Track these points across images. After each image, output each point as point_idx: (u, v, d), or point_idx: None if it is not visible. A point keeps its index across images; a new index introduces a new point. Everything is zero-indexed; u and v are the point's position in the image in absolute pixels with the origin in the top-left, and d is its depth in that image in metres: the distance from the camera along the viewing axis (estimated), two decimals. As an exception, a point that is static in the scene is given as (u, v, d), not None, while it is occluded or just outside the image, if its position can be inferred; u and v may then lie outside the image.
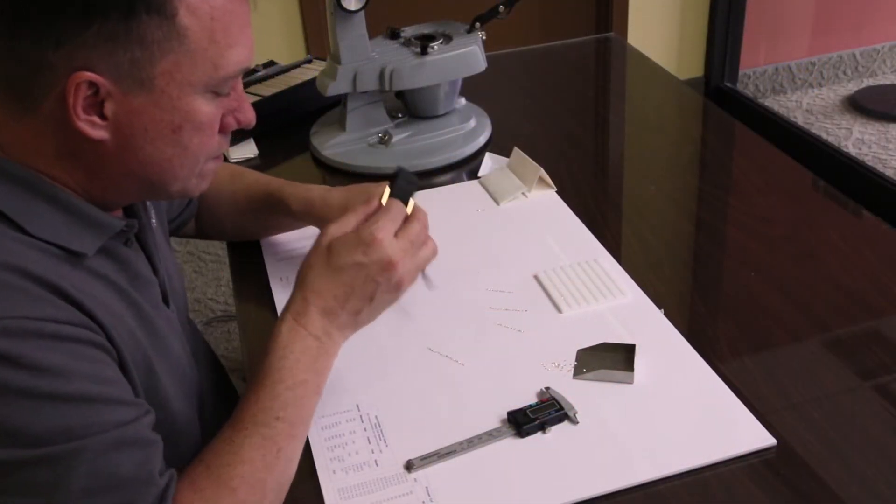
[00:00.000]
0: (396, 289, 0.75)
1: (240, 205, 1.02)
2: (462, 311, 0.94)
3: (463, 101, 1.36)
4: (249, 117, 0.73)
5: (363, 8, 1.18)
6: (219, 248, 2.42)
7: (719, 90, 2.95)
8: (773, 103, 3.03)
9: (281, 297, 0.98)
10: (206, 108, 0.68)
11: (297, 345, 0.73)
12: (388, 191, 0.78)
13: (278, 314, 0.94)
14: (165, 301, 0.79)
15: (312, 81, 1.36)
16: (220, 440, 0.70)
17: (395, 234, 0.75)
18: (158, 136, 0.67)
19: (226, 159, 1.32)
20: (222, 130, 0.72)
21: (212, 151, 0.72)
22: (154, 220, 0.83)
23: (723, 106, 1.50)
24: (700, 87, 2.97)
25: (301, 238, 1.09)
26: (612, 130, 1.42)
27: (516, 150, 1.18)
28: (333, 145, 1.30)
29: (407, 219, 0.76)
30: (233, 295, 1.18)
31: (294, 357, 0.72)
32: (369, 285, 0.74)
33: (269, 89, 1.42)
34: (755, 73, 3.08)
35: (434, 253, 0.78)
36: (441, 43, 1.25)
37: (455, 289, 0.98)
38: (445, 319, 0.93)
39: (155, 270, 0.78)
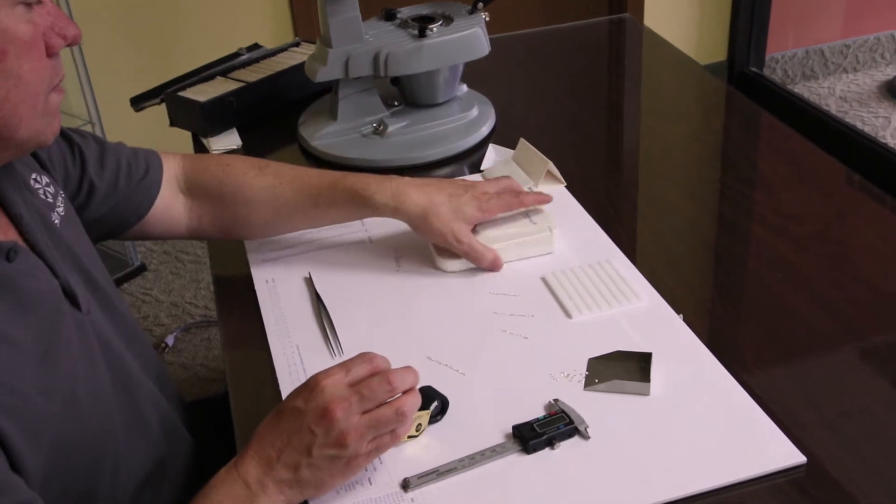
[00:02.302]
0: (338, 445, 0.70)
1: (282, 199, 1.00)
2: (464, 317, 0.95)
3: (464, 88, 1.37)
4: (73, 31, 0.73)
5: (356, -14, 1.19)
6: (198, 248, 2.42)
7: (744, 76, 2.95)
8: (804, 90, 3.04)
9: (266, 301, 0.99)
10: (22, 26, 0.68)
11: (225, 487, 0.71)
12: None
13: (264, 320, 0.95)
14: (75, 304, 0.77)
15: (300, 66, 1.37)
16: None
17: (349, 384, 0.72)
18: None
19: (207, 153, 1.32)
20: (49, 53, 0.72)
21: (48, 78, 0.72)
22: (60, 210, 0.82)
23: (748, 93, 1.51)
24: (723, 73, 2.98)
25: (288, 238, 1.10)
26: (626, 120, 1.42)
27: (522, 142, 1.19)
28: (323, 136, 1.30)
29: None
30: (214, 299, 1.17)
31: (217, 499, 0.70)
32: (305, 435, 0.71)
33: (253, 75, 1.42)
34: (783, 56, 3.09)
35: (398, 419, 0.72)
36: (441, 25, 1.25)
37: (456, 292, 0.98)
38: (445, 325, 0.94)
39: (54, 273, 0.76)
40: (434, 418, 0.80)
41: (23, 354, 0.70)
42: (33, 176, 0.83)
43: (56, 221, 0.82)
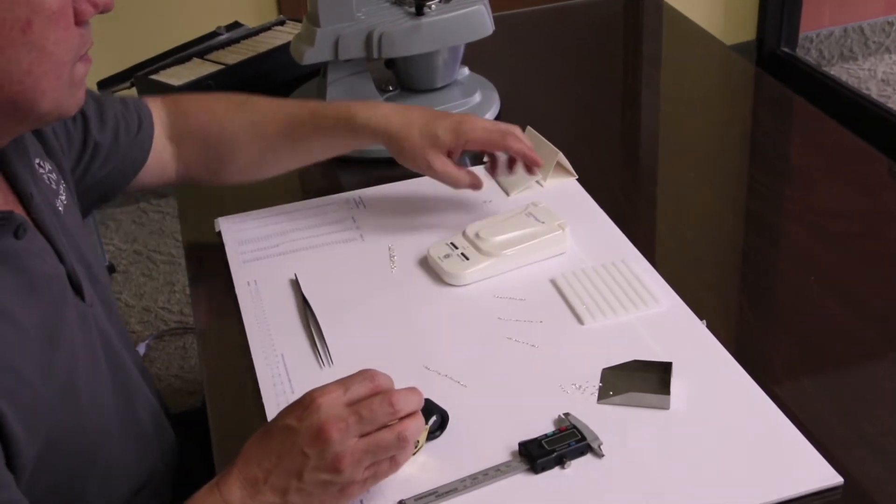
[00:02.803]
0: (333, 470, 0.69)
1: (265, 136, 1.05)
2: (465, 323, 0.95)
3: (466, 71, 1.37)
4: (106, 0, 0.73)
5: (346, -41, 1.19)
6: (172, 248, 2.43)
7: (775, 57, 2.95)
8: (841, 72, 3.04)
9: (248, 306, 0.99)
10: None
11: None
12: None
13: (245, 327, 0.96)
14: (79, 293, 0.80)
15: (286, 47, 1.37)
16: None
17: (347, 403, 0.71)
18: (7, 43, 0.68)
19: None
20: (78, 21, 0.72)
21: (75, 49, 0.73)
22: (63, 198, 0.84)
23: (779, 76, 1.51)
24: (752, 54, 2.98)
25: (271, 235, 1.10)
26: (644, 106, 1.42)
27: (530, 130, 1.19)
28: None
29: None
30: (189, 303, 1.17)
31: None
32: (297, 457, 0.70)
33: (233, 56, 1.42)
34: (818, 35, 3.09)
35: (399, 444, 0.71)
36: (440, 2, 1.26)
37: (457, 296, 0.99)
38: (445, 332, 0.94)
39: (60, 258, 0.79)
40: (432, 434, 0.80)
41: (27, 338, 0.72)
42: (37, 161, 0.85)
43: (60, 209, 0.84)
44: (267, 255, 1.07)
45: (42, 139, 0.88)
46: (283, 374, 0.89)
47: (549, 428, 0.81)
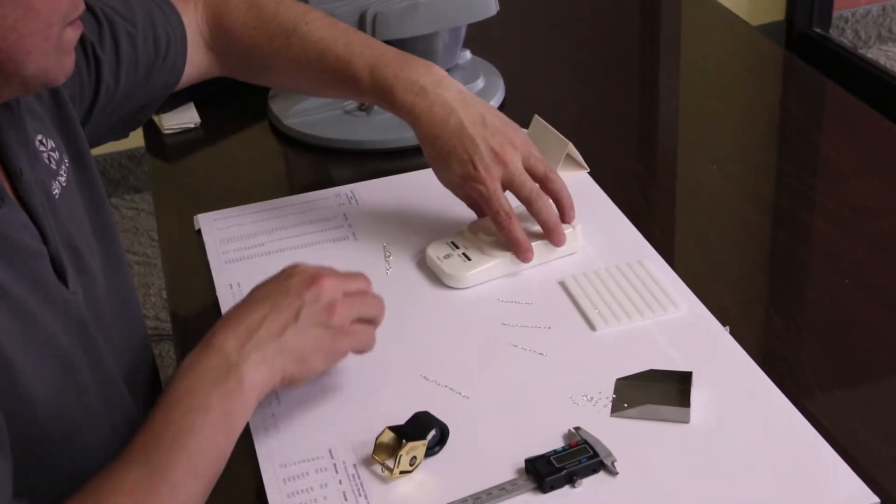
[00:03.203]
0: (327, 312, 0.80)
1: (308, 80, 1.10)
2: (467, 329, 0.95)
3: (468, 54, 1.37)
4: None
5: (337, -68, 1.19)
6: (147, 247, 2.43)
7: (806, 38, 2.95)
8: (879, 55, 3.04)
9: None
10: None
11: (201, 364, 0.77)
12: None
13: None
14: (62, 279, 0.81)
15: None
16: (100, 473, 0.72)
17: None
18: None
19: (158, 132, 1.33)
20: None
21: (64, 10, 0.74)
22: (62, 180, 0.86)
23: (810, 59, 1.51)
24: (780, 35, 2.98)
25: (256, 234, 1.10)
26: (662, 93, 1.43)
27: (537, 120, 1.19)
28: (298, 113, 1.31)
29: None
30: (166, 308, 1.18)
31: (196, 375, 0.76)
32: (293, 301, 0.80)
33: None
34: (854, 14, 3.09)
35: (379, 305, 0.87)
36: (439, -22, 1.26)
37: (458, 300, 0.99)
38: (445, 339, 0.94)
39: (45, 239, 0.80)
40: (431, 450, 0.81)
41: (11, 310, 0.74)
42: (39, 137, 0.86)
43: (56, 192, 0.85)
44: (251, 254, 1.07)
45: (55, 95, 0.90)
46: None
47: (558, 443, 0.81)
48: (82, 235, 0.88)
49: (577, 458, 0.78)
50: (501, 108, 1.32)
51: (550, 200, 1.01)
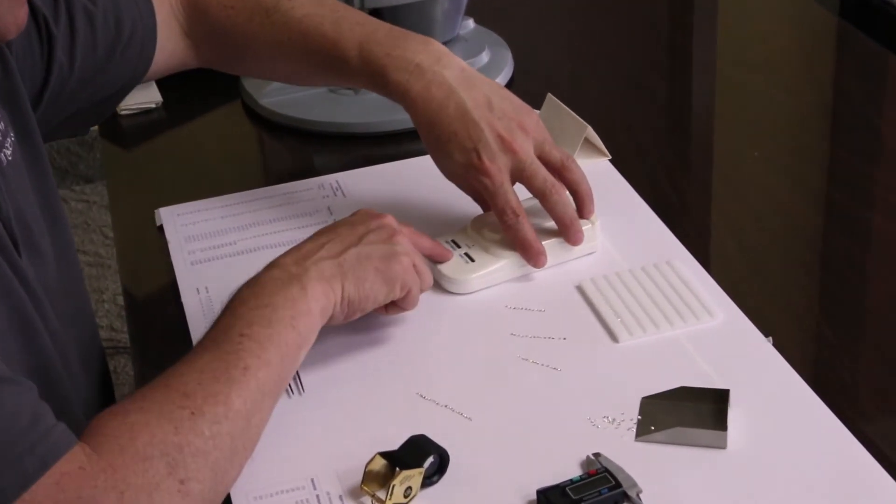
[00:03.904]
0: (390, 236, 0.91)
1: (291, 62, 1.11)
2: (470, 340, 0.96)
3: (471, 24, 1.38)
4: None
5: None
6: (100, 246, 2.43)
7: (864, 4, 2.95)
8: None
9: (198, 319, 1.00)
10: None
11: (262, 276, 0.87)
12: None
13: (194, 346, 0.96)
14: (17, 249, 0.84)
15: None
16: (168, 369, 0.79)
17: None
18: None
19: (113, 113, 1.33)
20: None
21: None
22: (7, 153, 0.87)
23: (868, 29, 1.50)
24: (834, 2, 2.97)
25: (227, 230, 1.11)
26: (695, 69, 1.43)
27: (551, 99, 1.19)
28: (275, 91, 1.31)
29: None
30: (122, 316, 1.18)
31: (257, 284, 0.86)
32: (358, 228, 0.91)
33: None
34: (917, -20, 3.09)
35: (429, 274, 0.95)
36: (438, -64, 1.26)
37: (460, 307, 0.99)
38: (445, 352, 0.95)
39: None
40: (428, 479, 0.81)
41: None
42: None
43: (2, 160, 0.87)
44: (221, 254, 1.08)
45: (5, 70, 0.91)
46: (241, 404, 0.90)
47: (575, 472, 0.81)
48: (32, 216, 0.89)
49: (596, 489, 0.78)
50: (509, 86, 1.32)
51: (567, 193, 1.01)
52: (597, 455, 0.82)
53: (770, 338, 0.93)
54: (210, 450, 0.75)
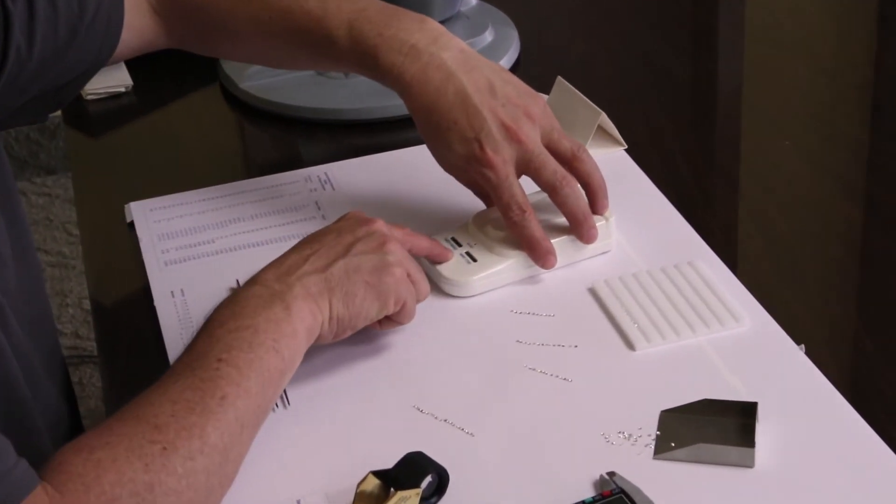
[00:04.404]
0: (380, 245, 0.91)
1: (271, 41, 1.11)
2: (472, 348, 0.96)
3: (472, 0, 1.38)
4: None
5: None
6: (63, 244, 2.43)
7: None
8: None
9: (172, 325, 1.00)
10: None
11: (242, 294, 0.87)
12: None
13: (168, 355, 0.96)
14: None
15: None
16: (137, 397, 0.79)
17: None
18: None
19: (79, 97, 1.34)
20: None
21: None
22: None
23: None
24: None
25: (205, 227, 1.11)
26: (721, 50, 1.43)
27: (560, 83, 1.19)
28: (257, 73, 1.31)
29: None
30: (89, 322, 1.18)
31: (238, 303, 0.86)
32: (345, 237, 0.91)
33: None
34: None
35: (426, 283, 0.95)
36: None
37: (460, 311, 1.00)
38: (444, 362, 0.95)
39: None
40: (426, 501, 0.81)
41: None
42: None
43: None
44: (198, 254, 1.08)
45: None
46: (219, 418, 0.90)
47: (587, 492, 0.81)
48: None
49: (611, 512, 0.79)
50: (515, 68, 1.33)
51: (578, 186, 1.01)
52: (611, 474, 0.82)
53: (802, 346, 0.93)
54: (183, 489, 0.75)
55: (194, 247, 1.09)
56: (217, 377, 0.80)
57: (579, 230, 1.01)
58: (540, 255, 1.00)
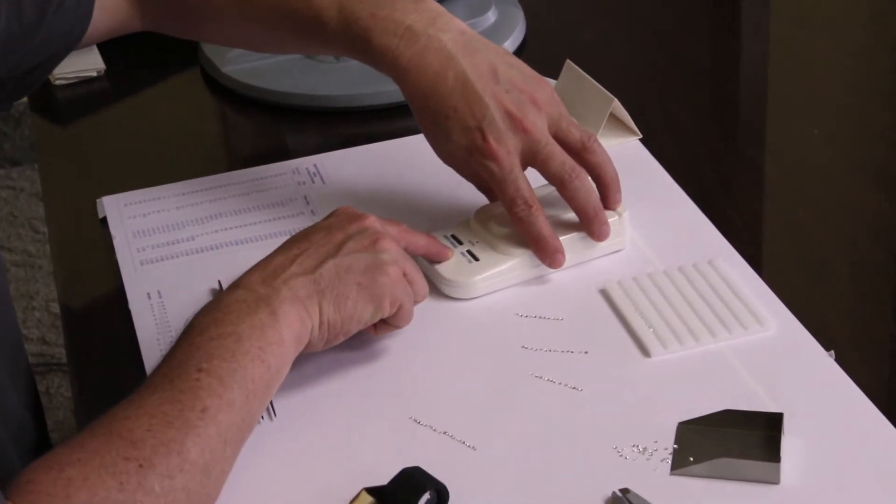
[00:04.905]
0: (373, 243, 0.91)
1: (257, 25, 1.12)
2: (474, 354, 0.96)
3: (475, -25, 1.38)
4: None
5: None
6: (29, 243, 2.43)
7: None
8: None
9: (149, 330, 1.00)
10: None
11: (224, 299, 0.87)
12: None
13: (144, 362, 0.96)
14: None
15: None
16: (111, 410, 0.79)
17: None
18: None
19: (47, 82, 1.34)
20: None
21: None
22: None
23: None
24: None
25: (184, 223, 1.11)
26: (744, 29, 1.43)
27: (570, 67, 1.20)
28: (241, 57, 1.32)
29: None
30: (57, 326, 1.18)
31: (220, 308, 0.86)
32: (335, 235, 0.91)
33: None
34: None
35: (424, 284, 0.95)
36: None
37: (461, 314, 1.00)
38: (443, 368, 0.95)
39: None
40: None
41: None
42: None
43: None
44: (177, 252, 1.08)
45: None
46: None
47: (598, 511, 0.82)
48: None
49: (624, 532, 0.80)
50: (520, 51, 1.33)
51: (589, 179, 1.02)
52: (625, 491, 0.82)
53: (832, 352, 0.93)
54: None
55: (172, 245, 1.09)
56: (197, 388, 0.79)
57: (590, 226, 1.01)
58: (547, 254, 1.00)
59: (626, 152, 1.15)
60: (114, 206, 1.14)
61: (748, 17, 1.45)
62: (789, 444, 0.85)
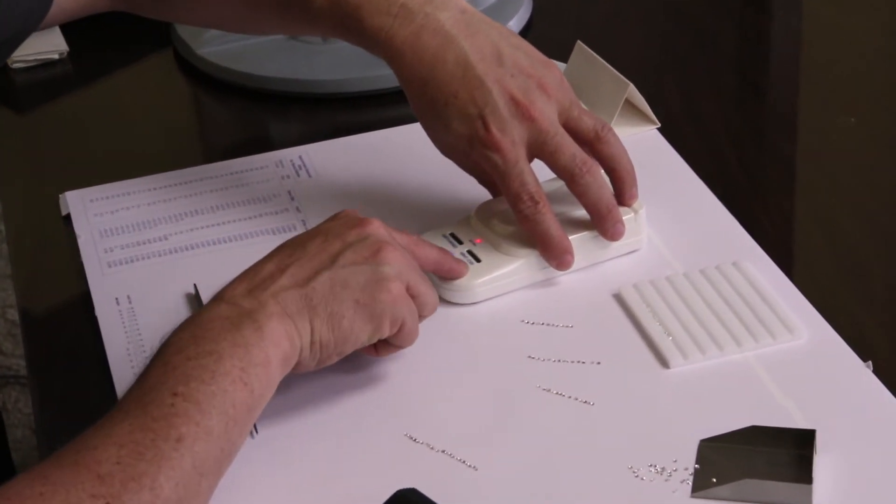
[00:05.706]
0: (374, 254, 0.89)
1: (240, 8, 1.12)
2: (475, 365, 0.97)
3: (477, -52, 1.39)
4: None
5: None
6: (-16, 244, 2.43)
7: None
8: None
9: (117, 339, 1.00)
10: None
11: (205, 314, 0.86)
12: None
13: (112, 374, 0.97)
14: None
15: None
16: (78, 437, 0.78)
17: None
18: None
19: (6, 70, 1.34)
20: None
21: None
22: None
23: None
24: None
25: (156, 221, 1.11)
26: (774, 9, 1.43)
27: (581, 49, 1.20)
28: (218, 38, 1.32)
29: None
30: (15, 335, 1.19)
31: (200, 324, 0.85)
32: (332, 243, 0.90)
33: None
34: None
35: (433, 295, 0.93)
36: None
37: (462, 320, 1.01)
38: (442, 380, 0.96)
39: None
40: None
41: None
42: None
43: None
44: (147, 253, 1.09)
45: None
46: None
47: (612, 537, 0.83)
48: None
49: (640, 559, 0.80)
50: (526, 32, 1.33)
51: (602, 172, 1.02)
52: (641, 515, 0.83)
53: (870, 362, 0.93)
54: None
55: (143, 245, 1.10)
56: (172, 415, 0.79)
57: (603, 225, 1.02)
58: (555, 255, 1.01)
59: (642, 143, 1.15)
60: (78, 202, 1.15)
61: (777, -6, 1.46)
62: (822, 463, 0.85)
